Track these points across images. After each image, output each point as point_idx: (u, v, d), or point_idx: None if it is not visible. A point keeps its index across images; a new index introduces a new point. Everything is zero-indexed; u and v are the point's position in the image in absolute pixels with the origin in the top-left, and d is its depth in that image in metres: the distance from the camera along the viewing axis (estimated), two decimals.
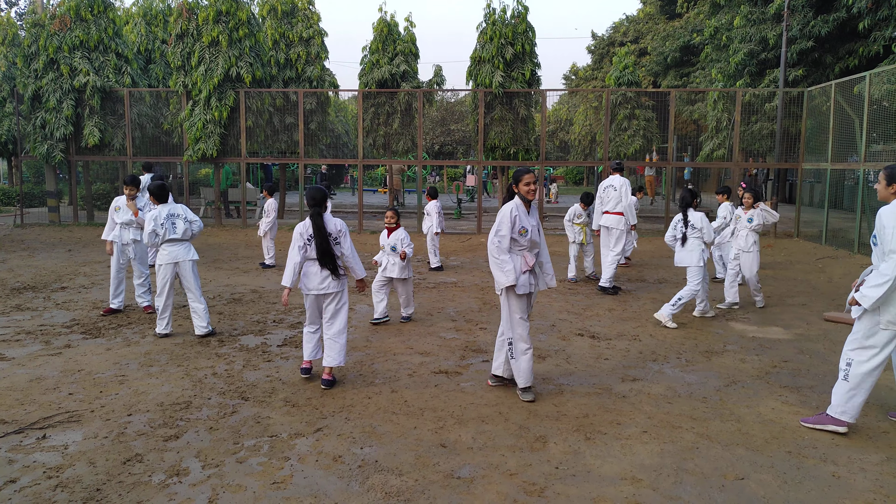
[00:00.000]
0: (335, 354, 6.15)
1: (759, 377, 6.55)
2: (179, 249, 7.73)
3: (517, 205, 5.87)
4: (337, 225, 6.18)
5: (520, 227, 5.80)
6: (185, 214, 7.80)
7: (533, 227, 5.89)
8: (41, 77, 18.71)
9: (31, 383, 6.13)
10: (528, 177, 5.88)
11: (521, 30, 18.01)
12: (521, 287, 5.81)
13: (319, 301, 6.25)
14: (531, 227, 5.86)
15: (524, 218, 5.85)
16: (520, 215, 5.83)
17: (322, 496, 4.13)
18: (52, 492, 4.15)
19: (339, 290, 6.18)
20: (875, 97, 13.94)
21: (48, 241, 16.27)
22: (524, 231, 5.81)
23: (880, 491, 4.27)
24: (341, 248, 6.18)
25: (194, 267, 7.83)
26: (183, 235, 7.74)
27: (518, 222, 5.80)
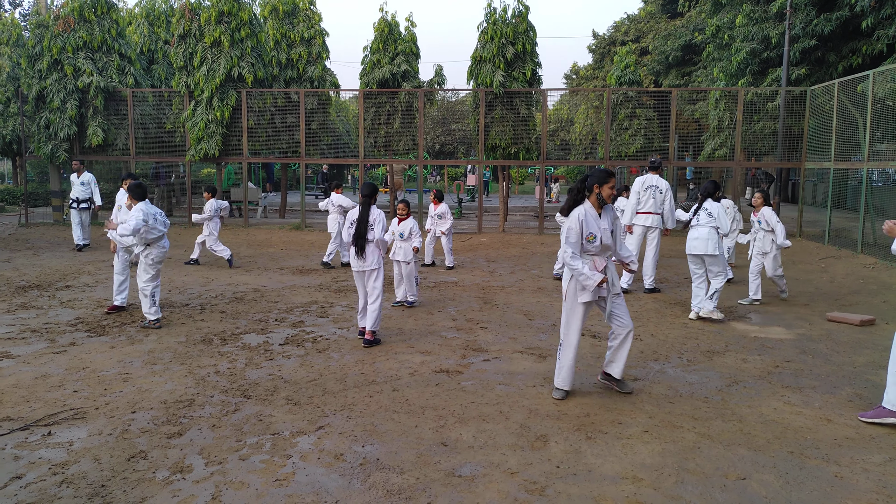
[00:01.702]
0: (370, 320, 7.50)
1: (761, 377, 6.55)
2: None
3: (586, 210, 5.71)
4: (373, 214, 7.50)
5: (587, 234, 5.66)
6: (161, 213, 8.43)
7: (605, 230, 5.70)
8: (45, 77, 18.75)
9: (36, 381, 6.16)
10: (613, 180, 5.70)
11: (522, 29, 18.01)
12: (583, 294, 5.73)
13: (362, 277, 7.57)
14: (601, 232, 5.68)
15: (592, 223, 5.68)
16: (587, 220, 5.68)
17: (324, 494, 4.14)
18: (57, 488, 4.17)
19: (376, 267, 7.50)
20: (878, 96, 13.92)
21: (52, 240, 16.31)
22: (592, 237, 5.66)
23: (882, 492, 4.27)
24: (374, 232, 7.44)
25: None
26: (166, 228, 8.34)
27: (585, 228, 5.66)
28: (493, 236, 17.71)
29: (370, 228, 7.45)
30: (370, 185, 7.64)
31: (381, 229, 7.52)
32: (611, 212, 5.84)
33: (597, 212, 5.75)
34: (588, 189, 5.75)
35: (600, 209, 5.76)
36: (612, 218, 5.84)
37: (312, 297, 10.02)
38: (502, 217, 19.36)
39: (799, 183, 18.98)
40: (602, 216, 5.75)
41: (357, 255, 7.47)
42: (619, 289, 5.88)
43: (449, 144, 45.47)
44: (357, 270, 7.55)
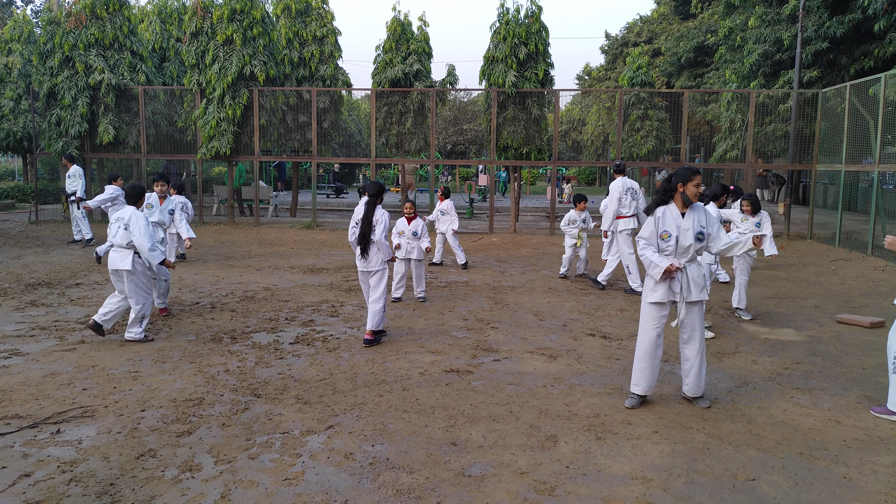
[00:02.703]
0: (371, 320, 7.47)
1: (770, 378, 6.53)
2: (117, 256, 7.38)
3: (666, 209, 5.58)
4: (377, 214, 7.44)
5: (662, 231, 5.53)
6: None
7: (684, 230, 5.49)
8: (56, 74, 18.83)
9: (45, 378, 6.19)
10: (698, 178, 5.48)
11: (535, 30, 17.99)
12: (654, 294, 5.59)
13: (365, 277, 7.64)
14: (678, 231, 5.50)
15: (669, 221, 5.53)
16: (664, 218, 5.55)
17: (333, 493, 4.15)
18: (66, 486, 4.19)
19: (380, 268, 7.50)
20: (890, 99, 13.86)
21: (63, 237, 16.38)
22: (666, 235, 5.51)
23: (892, 493, 4.26)
24: (374, 233, 7.37)
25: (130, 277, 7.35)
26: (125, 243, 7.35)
27: (661, 225, 5.53)
28: (504, 236, 17.70)
29: (373, 229, 7.42)
30: (377, 185, 7.58)
31: (382, 230, 7.44)
32: (699, 212, 5.61)
33: (680, 211, 5.58)
34: (673, 189, 5.59)
35: (685, 209, 5.58)
36: (700, 220, 5.58)
37: (323, 297, 10.04)
38: (514, 217, 19.34)
39: (810, 185, 18.89)
40: (686, 216, 5.56)
41: (361, 255, 7.50)
42: (698, 297, 5.59)
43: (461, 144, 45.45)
44: (362, 271, 7.63)
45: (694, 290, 5.57)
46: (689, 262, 5.58)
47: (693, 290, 5.56)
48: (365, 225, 7.39)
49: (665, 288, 5.55)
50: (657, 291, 5.57)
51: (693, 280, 5.57)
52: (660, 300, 5.57)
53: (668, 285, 5.54)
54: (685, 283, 5.55)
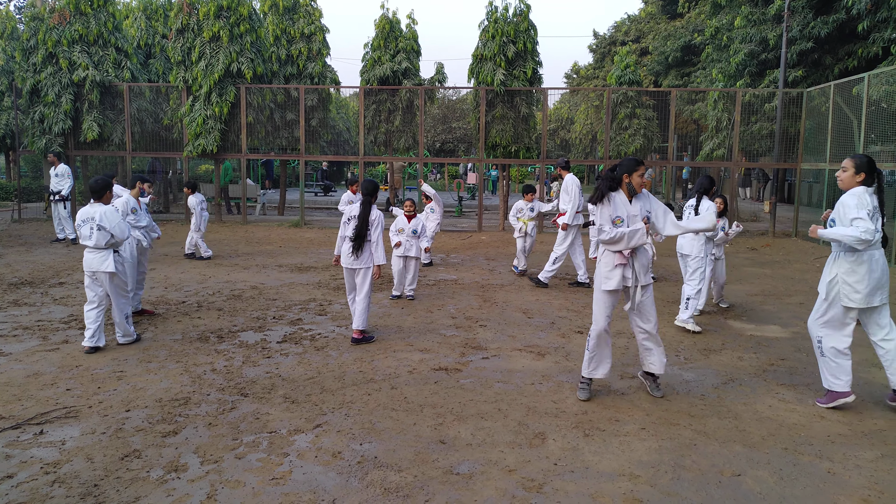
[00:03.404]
0: (357, 318, 7.48)
1: (756, 375, 6.56)
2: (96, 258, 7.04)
3: (615, 195, 5.72)
4: (373, 214, 7.43)
5: (615, 217, 5.66)
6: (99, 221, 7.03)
7: (633, 216, 5.67)
8: (40, 71, 18.65)
9: (28, 379, 6.13)
10: (643, 168, 5.72)
11: (523, 28, 18.01)
12: (609, 282, 5.72)
13: (351, 275, 7.55)
14: (628, 218, 5.66)
15: (620, 207, 5.68)
16: (615, 204, 5.69)
17: (321, 492, 4.13)
18: (49, 487, 4.15)
19: (368, 266, 7.46)
20: (873, 98, 13.97)
21: (46, 236, 16.25)
22: (619, 220, 5.64)
23: (875, 487, 4.30)
24: (370, 234, 7.40)
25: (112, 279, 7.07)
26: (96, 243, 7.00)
27: (613, 211, 5.66)
28: (493, 234, 17.71)
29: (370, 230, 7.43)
30: (372, 183, 7.64)
31: (378, 235, 7.46)
32: (645, 200, 5.78)
33: (627, 199, 5.74)
34: (618, 179, 5.74)
35: (631, 197, 5.75)
36: (646, 206, 5.77)
37: (311, 295, 10.00)
38: (502, 215, 19.35)
39: (795, 183, 18.99)
40: (633, 203, 5.73)
41: (353, 252, 7.42)
42: (646, 281, 5.78)
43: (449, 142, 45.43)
44: (349, 268, 7.53)
45: (643, 274, 5.76)
46: (638, 249, 5.76)
47: (642, 274, 5.75)
48: (361, 224, 7.36)
49: (619, 276, 5.69)
50: (612, 279, 5.72)
51: (642, 265, 5.76)
52: (615, 287, 5.72)
53: (622, 273, 5.69)
54: (637, 268, 5.73)
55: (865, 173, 5.53)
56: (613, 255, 5.70)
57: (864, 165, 5.53)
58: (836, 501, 4.13)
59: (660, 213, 5.85)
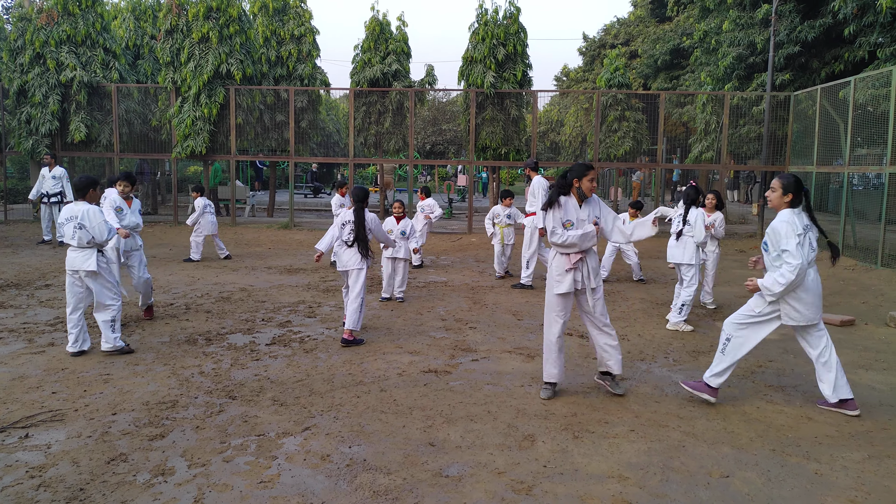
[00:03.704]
0: (349, 318, 7.54)
1: (744, 377, 6.58)
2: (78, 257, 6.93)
3: (566, 199, 5.83)
4: (368, 220, 7.74)
5: (565, 220, 5.75)
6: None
7: (582, 220, 5.77)
8: (27, 71, 18.54)
9: (13, 382, 6.08)
10: (592, 173, 5.82)
11: (513, 31, 18.04)
12: (560, 286, 5.80)
13: (347, 275, 7.74)
14: (578, 222, 5.76)
15: (571, 211, 5.78)
16: (566, 208, 5.79)
17: (309, 495, 4.11)
18: (34, 491, 4.11)
19: (360, 267, 7.65)
20: (859, 102, 14.06)
21: (32, 237, 16.15)
22: (569, 224, 5.75)
23: (861, 488, 4.32)
24: (372, 233, 7.78)
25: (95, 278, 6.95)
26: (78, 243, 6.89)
27: (564, 215, 5.76)
28: (483, 237, 17.69)
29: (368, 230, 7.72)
30: (363, 190, 7.89)
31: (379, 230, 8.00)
32: (594, 205, 5.91)
33: (578, 203, 5.84)
34: (569, 184, 5.84)
35: (581, 202, 5.85)
36: (595, 211, 5.89)
37: (300, 297, 9.98)
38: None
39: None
40: (583, 207, 5.84)
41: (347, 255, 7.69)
42: (596, 284, 5.87)
43: (440, 145, 45.44)
44: (343, 269, 7.76)
45: (594, 277, 5.84)
46: (588, 251, 5.85)
47: (593, 277, 5.84)
48: (360, 230, 7.63)
49: (570, 279, 5.78)
50: (563, 283, 5.80)
51: (592, 268, 5.85)
52: (566, 291, 5.80)
53: (573, 276, 5.77)
54: (586, 272, 5.81)
55: (793, 194, 5.58)
56: (563, 259, 5.80)
57: (792, 186, 5.57)
58: (823, 502, 4.15)
59: (609, 219, 6.00)
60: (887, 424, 5.41)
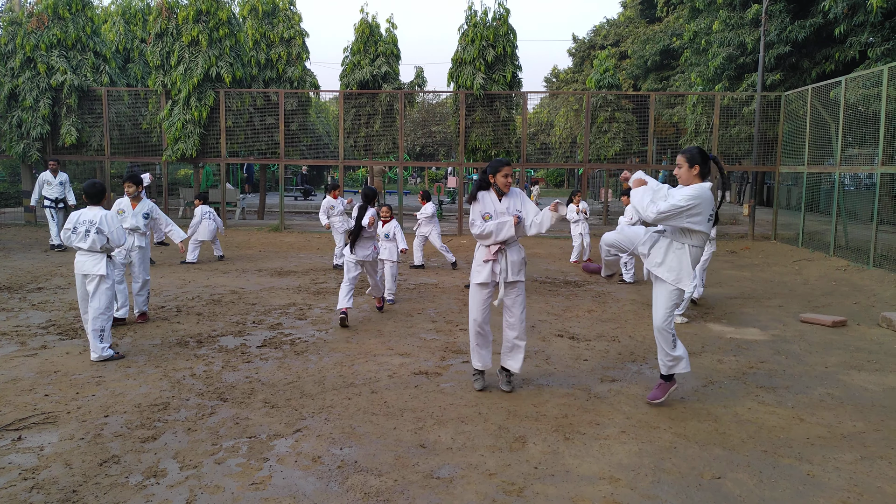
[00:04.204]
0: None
1: (736, 378, 6.61)
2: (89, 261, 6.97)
3: (485, 193, 6.06)
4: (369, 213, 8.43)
5: (484, 213, 5.98)
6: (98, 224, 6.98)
7: (500, 212, 5.97)
8: (18, 75, 18.50)
9: (6, 384, 6.06)
10: (506, 168, 6.00)
11: (503, 32, 18.08)
12: (479, 276, 6.03)
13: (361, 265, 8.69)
14: (496, 215, 5.97)
15: (489, 204, 6.01)
16: (484, 201, 6.03)
17: (301, 497, 4.12)
18: (27, 493, 4.10)
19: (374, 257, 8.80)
20: (850, 102, 14.12)
21: (24, 241, 16.08)
22: (488, 216, 5.97)
23: (854, 489, 4.32)
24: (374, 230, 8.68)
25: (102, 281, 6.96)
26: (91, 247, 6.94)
27: (482, 207, 6.00)
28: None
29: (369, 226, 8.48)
30: (374, 190, 8.88)
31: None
32: (515, 199, 6.08)
33: (497, 198, 6.05)
34: (486, 179, 6.08)
35: (500, 196, 6.05)
36: (516, 204, 6.05)
37: (291, 300, 9.97)
38: None
39: (773, 186, 19.17)
40: (502, 200, 6.03)
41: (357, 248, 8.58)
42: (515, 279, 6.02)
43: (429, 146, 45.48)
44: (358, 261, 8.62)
45: (512, 272, 6.00)
46: (509, 245, 6.02)
47: (511, 272, 6.00)
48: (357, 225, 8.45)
49: (489, 270, 5.99)
50: (481, 273, 6.03)
51: (512, 262, 6.01)
52: (484, 280, 6.01)
53: (491, 267, 5.98)
54: (505, 264, 5.99)
55: (699, 164, 5.52)
56: (484, 251, 6.03)
57: (697, 156, 5.51)
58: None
59: (530, 213, 6.08)
60: (880, 425, 5.42)
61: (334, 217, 12.63)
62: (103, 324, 6.89)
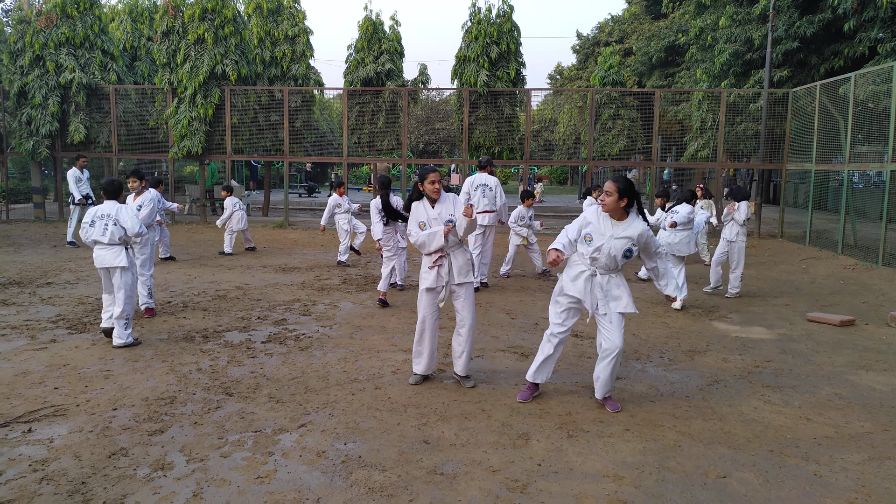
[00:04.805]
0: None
1: (741, 376, 6.60)
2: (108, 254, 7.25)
3: (419, 203, 6.16)
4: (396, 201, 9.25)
5: (419, 222, 6.09)
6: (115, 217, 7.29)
7: (433, 219, 6.05)
8: (27, 73, 18.60)
9: (16, 378, 6.10)
10: (432, 175, 6.07)
11: (507, 29, 18.07)
12: (426, 281, 6.08)
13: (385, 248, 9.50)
14: (430, 221, 6.05)
15: (422, 212, 6.09)
16: (417, 211, 6.12)
17: (305, 491, 4.14)
18: (37, 484, 4.14)
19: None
20: (860, 98, 14.05)
21: (34, 237, 16.16)
22: (423, 225, 6.06)
23: (861, 490, 4.30)
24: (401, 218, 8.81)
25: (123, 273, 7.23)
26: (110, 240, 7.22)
27: (417, 216, 6.11)
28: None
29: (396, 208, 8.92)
30: (387, 178, 9.46)
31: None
32: (448, 204, 6.12)
33: (430, 204, 6.13)
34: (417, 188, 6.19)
35: (432, 203, 6.13)
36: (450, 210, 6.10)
37: (295, 296, 10.00)
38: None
39: (780, 184, 19.11)
40: (435, 207, 6.11)
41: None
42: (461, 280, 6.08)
43: (433, 144, 45.46)
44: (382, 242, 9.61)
45: (458, 275, 6.08)
46: (452, 250, 6.09)
47: (457, 275, 6.08)
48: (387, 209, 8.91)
49: (435, 274, 6.04)
50: (428, 278, 6.07)
51: (458, 267, 6.08)
52: (431, 285, 6.06)
53: (437, 272, 6.03)
54: (448, 268, 6.06)
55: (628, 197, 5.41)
56: (429, 257, 6.08)
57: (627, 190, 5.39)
58: None
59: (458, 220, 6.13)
60: (888, 426, 5.39)
61: (340, 214, 12.65)
62: (129, 312, 7.19)
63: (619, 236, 5.40)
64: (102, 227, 7.17)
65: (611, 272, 5.52)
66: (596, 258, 5.47)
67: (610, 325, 5.50)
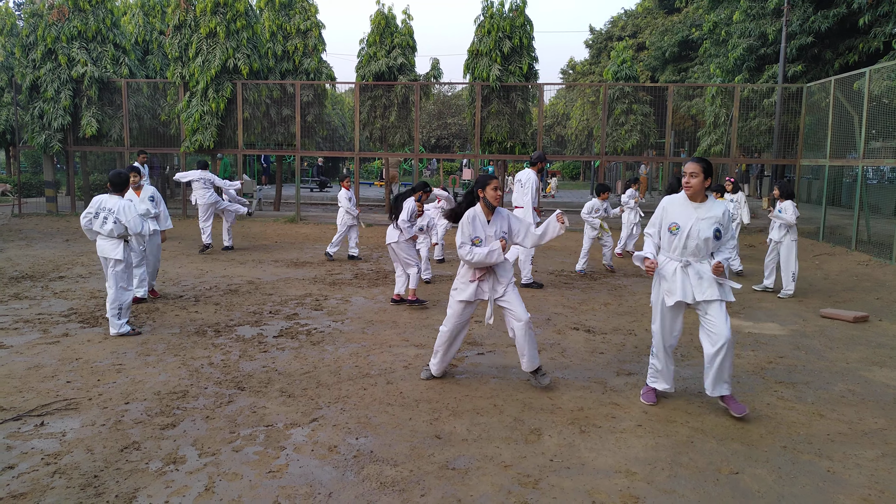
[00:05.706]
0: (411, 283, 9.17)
1: (754, 373, 6.56)
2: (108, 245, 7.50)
3: (475, 213, 5.89)
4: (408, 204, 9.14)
5: (473, 237, 5.81)
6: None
7: (489, 237, 5.82)
8: (39, 67, 18.68)
9: (29, 371, 6.14)
10: (495, 182, 5.85)
11: (519, 23, 18.01)
12: (462, 293, 5.91)
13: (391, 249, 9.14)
14: (485, 238, 5.82)
15: (479, 227, 5.83)
16: (474, 224, 5.84)
17: (317, 485, 4.14)
18: (50, 478, 4.16)
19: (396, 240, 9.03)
20: (875, 94, 13.92)
21: (46, 230, 16.25)
22: (478, 241, 5.80)
23: (875, 487, 4.28)
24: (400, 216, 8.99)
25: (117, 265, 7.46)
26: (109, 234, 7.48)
27: (472, 231, 5.82)
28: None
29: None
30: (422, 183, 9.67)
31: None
32: (502, 221, 5.92)
33: (486, 217, 5.89)
34: (475, 196, 5.93)
35: (490, 214, 5.91)
36: (504, 226, 5.91)
37: (307, 290, 10.01)
38: None
39: (794, 180, 18.99)
40: (491, 222, 5.88)
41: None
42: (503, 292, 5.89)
43: (445, 138, 45.42)
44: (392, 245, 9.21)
45: (500, 288, 5.90)
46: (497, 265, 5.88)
47: (499, 288, 5.91)
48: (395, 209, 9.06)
49: (475, 288, 5.87)
50: (465, 291, 5.90)
51: (499, 280, 5.91)
52: (468, 299, 5.89)
53: (478, 286, 5.87)
54: (492, 283, 5.89)
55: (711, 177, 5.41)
56: (470, 270, 5.90)
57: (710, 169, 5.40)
58: (835, 500, 4.11)
59: (521, 231, 6.01)
60: None
61: (348, 207, 12.63)
62: (120, 302, 7.37)
63: (704, 217, 5.34)
64: (103, 220, 7.47)
65: (702, 258, 5.40)
66: (686, 245, 5.37)
67: (712, 316, 5.35)
